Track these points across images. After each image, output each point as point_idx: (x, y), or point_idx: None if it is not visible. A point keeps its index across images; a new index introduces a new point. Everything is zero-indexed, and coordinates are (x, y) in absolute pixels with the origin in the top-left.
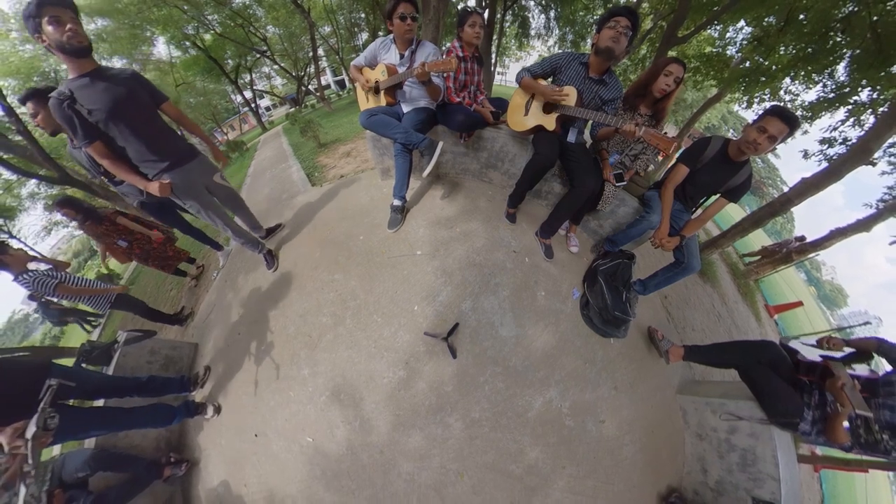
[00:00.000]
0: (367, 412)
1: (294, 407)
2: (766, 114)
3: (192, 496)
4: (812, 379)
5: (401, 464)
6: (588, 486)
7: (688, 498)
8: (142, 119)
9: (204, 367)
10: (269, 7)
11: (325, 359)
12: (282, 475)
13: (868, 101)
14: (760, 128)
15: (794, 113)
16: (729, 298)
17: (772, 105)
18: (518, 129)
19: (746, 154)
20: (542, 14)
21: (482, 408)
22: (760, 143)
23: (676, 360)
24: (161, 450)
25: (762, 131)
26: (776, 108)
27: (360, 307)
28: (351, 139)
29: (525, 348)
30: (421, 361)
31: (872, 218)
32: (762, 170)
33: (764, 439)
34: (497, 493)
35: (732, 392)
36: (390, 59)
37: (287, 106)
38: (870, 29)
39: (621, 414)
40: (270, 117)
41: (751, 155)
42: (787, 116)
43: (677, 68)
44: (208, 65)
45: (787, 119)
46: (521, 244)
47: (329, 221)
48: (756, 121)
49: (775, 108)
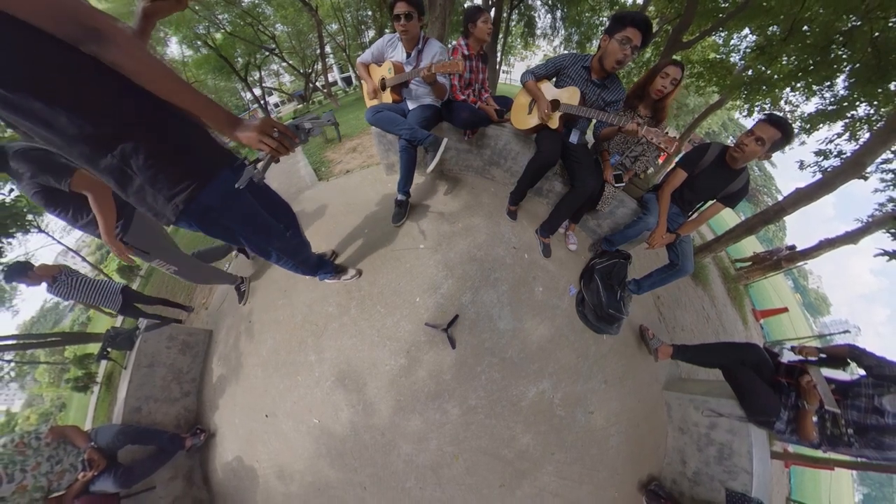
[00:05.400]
0: (370, 397)
1: (302, 390)
2: (759, 120)
3: (210, 470)
4: (790, 381)
5: (400, 445)
6: (575, 471)
7: (666, 486)
8: None
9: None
10: (277, 6)
11: (331, 346)
12: (290, 453)
13: (864, 115)
14: (750, 131)
15: (786, 120)
16: (718, 301)
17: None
18: (521, 127)
19: (741, 160)
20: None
21: (478, 396)
22: (747, 146)
23: (665, 357)
24: (181, 427)
25: (750, 134)
26: (769, 116)
27: (364, 298)
28: (357, 135)
29: (521, 341)
30: (421, 350)
31: (860, 231)
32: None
33: (741, 435)
34: (489, 474)
35: (715, 390)
36: (397, 57)
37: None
38: (870, 44)
39: (609, 406)
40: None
41: (741, 159)
42: (777, 121)
43: (675, 70)
44: (219, 63)
45: (777, 124)
46: (521, 241)
47: (335, 215)
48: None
49: (769, 115)
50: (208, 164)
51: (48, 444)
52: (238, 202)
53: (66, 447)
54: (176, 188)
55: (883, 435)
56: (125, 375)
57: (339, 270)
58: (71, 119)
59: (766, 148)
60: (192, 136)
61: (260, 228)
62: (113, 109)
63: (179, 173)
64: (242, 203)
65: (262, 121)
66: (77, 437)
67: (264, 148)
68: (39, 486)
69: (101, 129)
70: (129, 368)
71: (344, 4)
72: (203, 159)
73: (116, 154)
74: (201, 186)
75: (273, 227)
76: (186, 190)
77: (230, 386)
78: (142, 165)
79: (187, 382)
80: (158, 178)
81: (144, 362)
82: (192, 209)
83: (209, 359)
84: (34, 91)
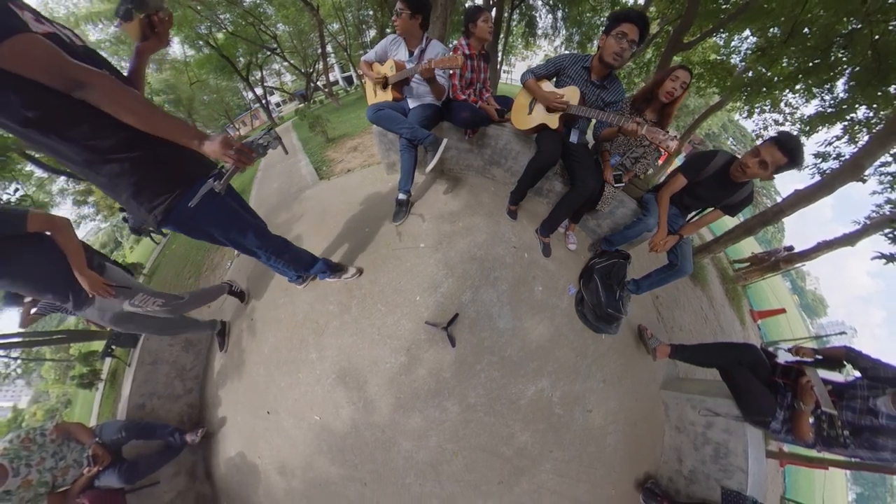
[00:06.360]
0: (371, 394)
1: (303, 387)
2: (767, 139)
3: (213, 465)
4: (786, 381)
5: (401, 442)
6: (572, 469)
7: (662, 484)
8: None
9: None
10: (279, 5)
11: (332, 344)
12: (292, 449)
13: (864, 118)
14: (755, 151)
15: (796, 145)
16: (717, 302)
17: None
18: (522, 127)
19: (742, 179)
20: (550, 14)
21: (478, 394)
22: (750, 168)
23: (663, 357)
24: (184, 423)
25: (755, 155)
26: (778, 137)
27: (364, 296)
28: (358, 134)
29: (521, 340)
30: (422, 349)
31: (858, 233)
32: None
33: (737, 435)
34: (488, 471)
35: (712, 390)
36: (400, 56)
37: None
38: (871, 47)
39: (608, 405)
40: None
41: (742, 178)
42: (785, 145)
43: (684, 74)
44: (221, 63)
45: (784, 148)
46: (521, 240)
47: (336, 214)
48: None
49: (778, 137)
50: (184, 177)
51: (53, 441)
52: (215, 208)
53: (71, 443)
54: (155, 201)
55: (877, 435)
56: (129, 372)
57: (339, 269)
58: (69, 147)
59: (771, 171)
60: (169, 154)
61: (241, 230)
62: (99, 140)
63: (158, 188)
64: (219, 208)
65: (224, 137)
66: (82, 434)
67: (227, 159)
68: (44, 481)
69: (91, 154)
70: (133, 366)
71: (345, 4)
72: (178, 173)
73: (105, 174)
74: (178, 198)
75: (255, 227)
76: (164, 202)
77: (232, 383)
78: (126, 183)
79: (190, 380)
80: (140, 193)
81: (148, 359)
82: (172, 218)
83: (212, 356)
84: (39, 127)
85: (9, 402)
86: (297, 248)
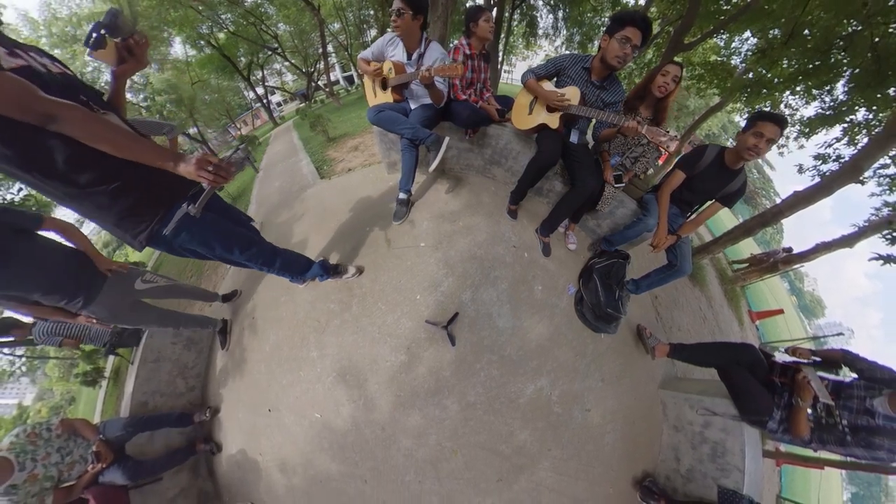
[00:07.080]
0: (371, 392)
1: (304, 385)
2: (757, 119)
3: (215, 462)
4: (784, 381)
5: (400, 440)
6: (571, 467)
7: (660, 482)
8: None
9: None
10: (280, 5)
11: (333, 342)
12: (293, 446)
13: (863, 120)
14: (757, 133)
15: (781, 114)
16: (715, 302)
17: (757, 111)
18: (522, 127)
19: (742, 161)
20: (551, 14)
21: (477, 392)
22: (761, 148)
23: (661, 356)
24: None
25: (760, 136)
26: (765, 113)
27: (365, 295)
28: (359, 133)
29: (520, 339)
30: (422, 347)
31: (856, 235)
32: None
33: (734, 434)
34: (487, 469)
35: (710, 389)
36: (397, 57)
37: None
38: (871, 49)
39: (606, 404)
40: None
41: (751, 160)
42: (777, 119)
43: (675, 68)
44: (222, 63)
45: (778, 121)
46: (521, 240)
47: (337, 213)
48: (749, 127)
49: (763, 113)
50: (162, 201)
51: (59, 436)
52: (196, 229)
53: (77, 439)
54: (137, 227)
55: (873, 435)
56: (132, 370)
57: (337, 271)
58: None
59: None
60: (146, 180)
61: (225, 246)
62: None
63: (140, 213)
64: (200, 229)
65: (199, 156)
66: (86, 430)
67: (202, 179)
68: (50, 475)
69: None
70: (136, 363)
71: (346, 4)
72: (158, 197)
73: (87, 206)
74: (159, 221)
75: (239, 240)
76: (147, 229)
77: (234, 381)
78: (108, 214)
79: (192, 377)
80: (122, 222)
81: (150, 357)
82: (155, 241)
83: (213, 354)
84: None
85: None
86: (290, 253)
